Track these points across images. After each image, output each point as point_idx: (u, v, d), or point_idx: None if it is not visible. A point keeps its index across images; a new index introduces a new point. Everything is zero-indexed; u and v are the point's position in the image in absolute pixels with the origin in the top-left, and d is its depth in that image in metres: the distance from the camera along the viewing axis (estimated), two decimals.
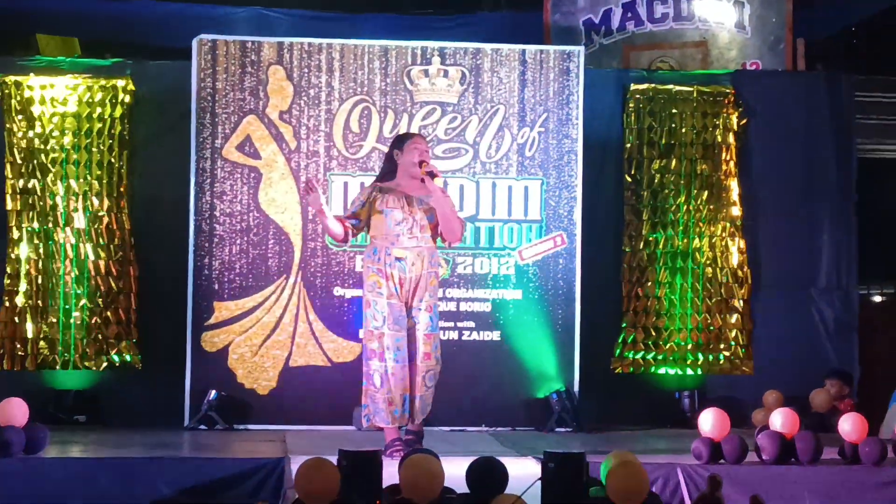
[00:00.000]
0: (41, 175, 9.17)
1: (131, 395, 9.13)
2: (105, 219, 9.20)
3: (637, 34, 10.74)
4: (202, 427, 8.78)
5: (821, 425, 8.27)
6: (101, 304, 9.14)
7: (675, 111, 9.78)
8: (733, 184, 9.79)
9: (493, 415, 9.07)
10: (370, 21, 10.76)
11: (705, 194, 9.74)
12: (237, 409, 8.91)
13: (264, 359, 9.02)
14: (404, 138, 7.57)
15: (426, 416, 7.31)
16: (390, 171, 7.47)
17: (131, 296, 9.21)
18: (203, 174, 9.05)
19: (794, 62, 10.58)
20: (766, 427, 7.25)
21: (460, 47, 9.31)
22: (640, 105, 9.77)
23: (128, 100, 9.30)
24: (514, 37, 9.91)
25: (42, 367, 9.11)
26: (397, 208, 7.30)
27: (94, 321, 9.12)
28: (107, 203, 9.21)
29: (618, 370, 9.63)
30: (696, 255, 9.70)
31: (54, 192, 9.16)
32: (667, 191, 9.73)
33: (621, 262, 9.72)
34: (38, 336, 9.10)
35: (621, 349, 9.64)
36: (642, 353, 9.63)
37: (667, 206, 9.72)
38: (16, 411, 6.91)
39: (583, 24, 10.74)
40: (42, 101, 9.20)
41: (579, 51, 9.47)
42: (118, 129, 9.28)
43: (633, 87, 9.80)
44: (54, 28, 11.05)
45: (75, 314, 9.11)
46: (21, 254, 9.13)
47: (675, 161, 9.75)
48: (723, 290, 9.71)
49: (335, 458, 5.71)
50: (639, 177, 9.75)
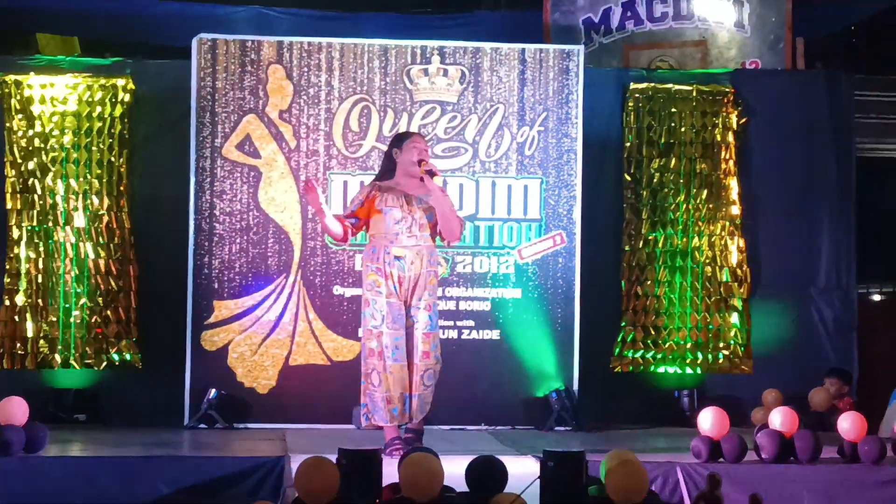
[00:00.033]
0: (41, 174, 9.18)
1: (131, 393, 9.13)
2: (105, 218, 9.20)
3: (636, 33, 10.75)
4: (202, 426, 8.78)
5: (820, 424, 8.28)
6: (100, 303, 9.15)
7: (674, 110, 9.78)
8: (733, 183, 9.79)
9: (492, 413, 9.07)
10: (370, 20, 10.77)
11: (705, 193, 9.74)
12: (237, 408, 8.91)
13: (264, 357, 9.03)
14: (403, 137, 7.55)
15: (425, 414, 7.30)
16: (389, 169, 7.46)
17: (131, 295, 9.22)
18: (203, 173, 9.06)
19: (793, 61, 10.59)
20: (765, 426, 7.25)
21: (460, 46, 9.31)
22: (640, 104, 9.77)
23: (128, 99, 9.30)
24: (513, 36, 9.91)
25: (42, 366, 9.11)
26: (396, 207, 7.29)
27: (94, 320, 9.13)
28: (107, 202, 9.21)
29: (617, 369, 9.63)
30: (696, 254, 9.70)
31: (54, 191, 9.16)
32: (666, 190, 9.74)
33: (621, 261, 9.73)
34: (38, 335, 9.10)
35: (621, 348, 9.64)
36: (642, 352, 9.64)
37: (666, 205, 9.72)
38: (16, 410, 6.90)
39: (582, 24, 10.74)
40: (42, 101, 9.21)
41: (579, 50, 9.46)
42: (118, 128, 9.28)
43: (633, 86, 9.80)
44: (54, 27, 11.05)
45: (75, 313, 9.11)
46: (21, 253, 9.13)
47: (674, 160, 9.75)
48: (722, 289, 9.71)
49: (335, 457, 5.72)
50: (638, 176, 9.75)
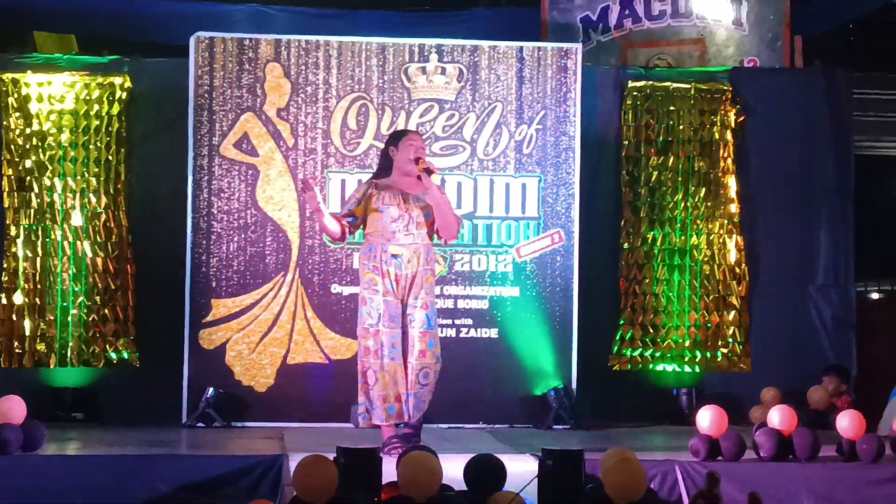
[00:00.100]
0: (38, 172, 9.16)
1: (129, 392, 9.11)
2: (102, 216, 9.19)
3: (635, 31, 10.74)
4: (200, 424, 8.77)
5: (818, 422, 8.28)
6: (98, 301, 9.14)
7: (672, 108, 9.77)
8: (731, 181, 9.79)
9: (490, 412, 9.07)
10: (367, 18, 10.76)
11: (703, 191, 9.73)
12: (235, 407, 8.90)
13: (262, 356, 9.02)
14: (400, 135, 7.54)
15: (422, 413, 7.29)
16: (386, 167, 7.45)
17: (129, 293, 9.21)
18: (200, 171, 9.05)
19: (791, 59, 10.59)
20: (763, 424, 7.25)
21: (458, 44, 9.30)
22: (638, 102, 9.77)
23: (125, 97, 9.29)
24: (511, 34, 9.91)
25: (40, 365, 9.10)
26: (393, 205, 7.28)
27: (92, 318, 9.12)
28: (104, 200, 9.20)
29: (615, 367, 9.63)
30: (694, 252, 9.70)
31: (52, 190, 9.16)
32: (664, 188, 9.73)
33: (619, 260, 9.72)
34: (36, 333, 9.09)
35: (619, 346, 9.64)
36: (640, 351, 9.63)
37: (664, 203, 9.72)
38: (13, 409, 6.89)
39: (580, 22, 10.74)
40: (39, 99, 9.20)
41: (577, 48, 9.45)
42: (115, 126, 9.27)
43: (631, 84, 9.79)
44: (52, 25, 11.04)
45: (73, 312, 9.11)
46: (18, 251, 9.13)
47: (672, 158, 9.74)
48: (720, 287, 9.71)
49: (333, 456, 5.71)
50: (636, 174, 9.75)
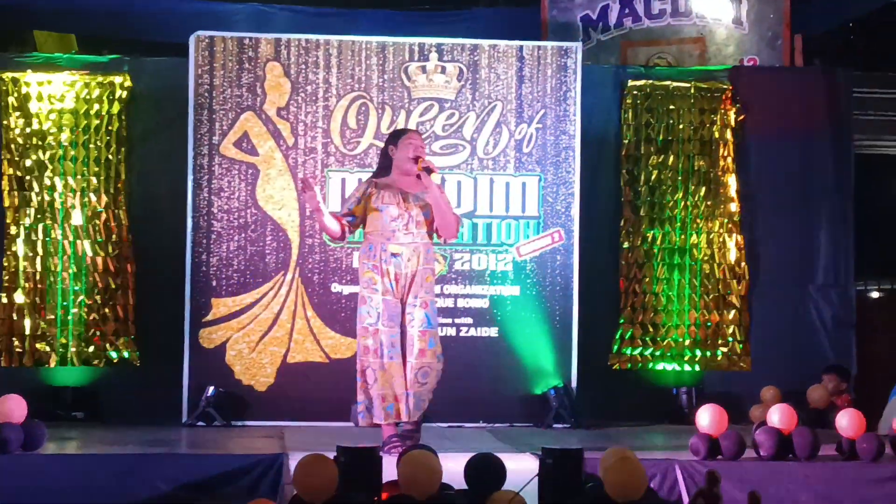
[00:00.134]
0: (38, 171, 9.17)
1: (129, 391, 9.11)
2: (103, 215, 9.20)
3: (634, 30, 10.75)
4: (200, 423, 8.77)
5: (818, 421, 8.28)
6: (98, 300, 9.14)
7: (672, 107, 9.78)
8: (731, 180, 9.79)
9: (490, 411, 9.07)
10: (367, 17, 10.76)
11: (703, 190, 9.74)
12: (235, 406, 8.90)
13: (262, 355, 9.02)
14: (399, 134, 7.53)
15: (422, 411, 7.27)
16: (385, 166, 7.44)
17: (129, 292, 9.21)
18: (200, 171, 9.05)
19: (791, 58, 10.59)
20: (763, 423, 7.25)
21: (458, 43, 9.30)
22: (638, 101, 9.77)
23: (125, 96, 9.30)
24: (511, 33, 9.90)
25: (40, 364, 9.10)
26: (393, 204, 7.28)
27: (92, 318, 9.13)
28: (104, 199, 9.21)
29: (615, 366, 9.63)
30: (694, 251, 9.70)
31: (52, 189, 9.16)
32: (664, 187, 9.73)
33: (619, 259, 9.72)
34: (36, 332, 9.10)
35: (619, 345, 9.64)
36: (640, 350, 9.64)
37: (664, 202, 9.72)
38: (14, 408, 6.89)
39: (580, 21, 10.74)
40: (39, 98, 9.20)
41: (577, 47, 9.45)
42: (115, 125, 9.28)
43: (631, 83, 9.79)
44: (51, 24, 11.04)
45: (73, 311, 9.11)
46: (19, 250, 9.13)
47: (672, 157, 9.74)
48: (720, 286, 9.71)
49: (333, 455, 5.72)
50: (636, 173, 9.75)
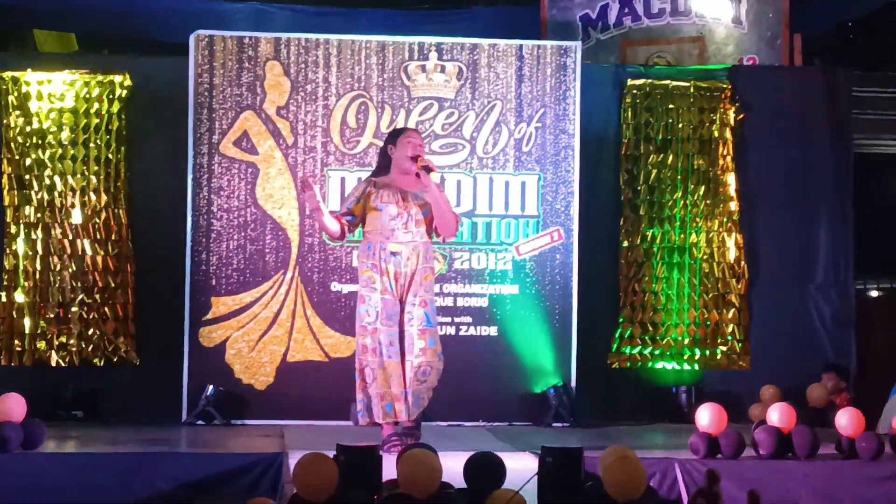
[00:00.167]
0: (38, 170, 9.17)
1: (129, 390, 9.11)
2: (103, 214, 9.20)
3: (634, 29, 10.75)
4: (200, 422, 8.77)
5: (818, 420, 8.29)
6: (98, 299, 9.14)
7: (671, 106, 9.77)
8: (730, 179, 9.79)
9: (490, 410, 9.07)
10: (367, 16, 10.77)
11: (702, 189, 9.74)
12: (235, 405, 8.90)
13: (262, 354, 9.02)
14: (398, 133, 7.53)
15: (421, 409, 7.27)
16: (384, 166, 7.44)
17: (129, 291, 9.21)
18: (200, 170, 9.05)
19: (791, 57, 10.59)
20: (763, 422, 7.25)
21: (457, 42, 9.30)
22: (637, 100, 9.77)
23: (125, 95, 9.29)
24: (510, 32, 9.91)
25: (39, 363, 9.09)
26: (392, 203, 7.28)
27: (92, 317, 9.12)
28: (104, 198, 9.21)
29: (615, 365, 9.63)
30: (693, 250, 9.70)
31: (52, 188, 9.16)
32: (664, 186, 9.73)
33: (618, 258, 9.73)
34: (36, 331, 9.10)
35: (618, 344, 9.64)
36: (639, 348, 9.64)
37: (664, 201, 9.72)
38: (13, 407, 6.89)
39: (580, 20, 10.75)
40: (39, 97, 9.20)
41: (576, 46, 9.45)
42: (115, 124, 9.28)
43: (630, 82, 9.79)
44: (51, 24, 11.04)
45: (73, 310, 9.11)
46: (19, 249, 9.13)
47: (671, 156, 9.74)
48: (720, 285, 9.71)
49: (333, 453, 5.72)
50: (636, 172, 9.75)
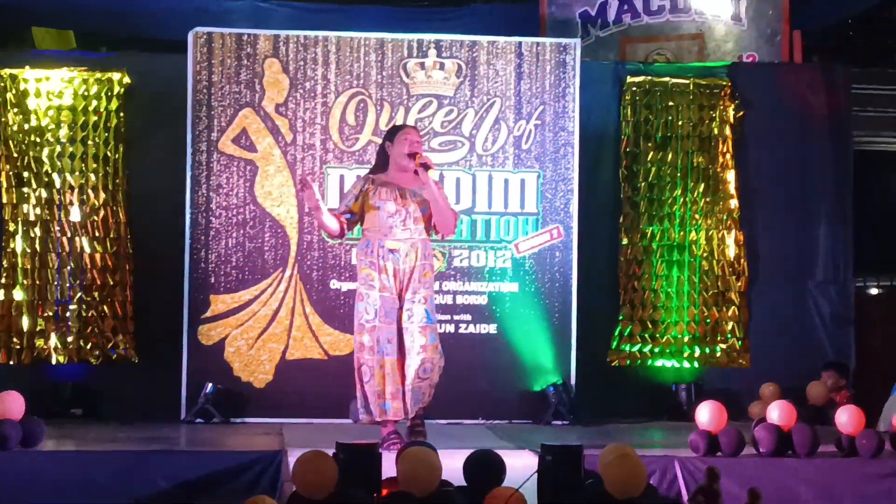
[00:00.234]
0: (37, 168, 9.16)
1: (128, 388, 9.10)
2: (101, 212, 9.19)
3: (633, 27, 10.74)
4: (199, 420, 8.77)
5: (817, 418, 8.28)
6: (97, 297, 9.13)
7: (671, 104, 9.76)
8: (730, 176, 9.78)
9: (489, 408, 9.07)
10: (366, 13, 10.74)
11: (702, 187, 9.73)
12: (234, 403, 8.89)
13: (261, 352, 9.01)
14: (396, 130, 7.52)
15: (420, 405, 7.25)
16: (383, 163, 7.45)
17: (127, 289, 9.21)
18: (199, 167, 9.04)
19: (790, 54, 10.58)
20: (762, 419, 7.24)
21: (456, 40, 9.28)
22: (637, 98, 9.76)
23: (123, 93, 9.29)
24: (510, 29, 9.89)
25: (38, 361, 9.09)
26: (390, 200, 7.27)
27: (91, 314, 9.12)
28: (103, 196, 9.20)
29: (614, 363, 9.63)
30: (693, 247, 9.69)
31: (50, 186, 9.15)
32: (663, 183, 9.72)
33: (618, 255, 9.72)
34: (35, 329, 9.09)
35: (618, 342, 9.64)
36: (639, 346, 9.63)
37: (663, 198, 9.71)
38: (12, 405, 6.89)
39: (579, 17, 10.73)
40: (38, 94, 9.19)
41: (576, 43, 9.44)
42: (114, 122, 9.27)
43: (630, 79, 9.78)
44: (50, 21, 11.03)
45: (71, 307, 9.10)
46: (17, 247, 9.12)
47: (671, 154, 9.74)
48: (719, 282, 9.71)
49: (332, 451, 5.71)
50: (635, 169, 9.74)
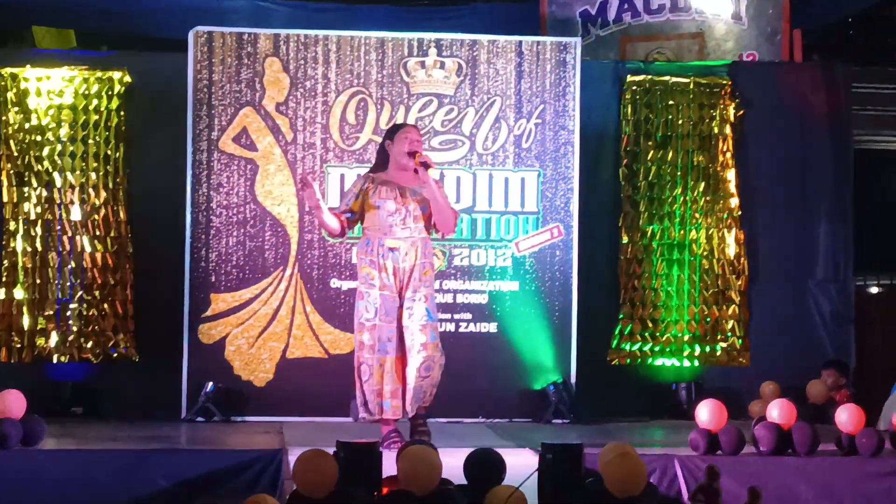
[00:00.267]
0: (37, 167, 9.16)
1: (128, 387, 9.10)
2: (101, 211, 9.19)
3: (634, 25, 10.73)
4: (199, 419, 8.77)
5: (818, 416, 8.28)
6: (97, 296, 9.14)
7: (671, 103, 9.77)
8: (730, 175, 9.78)
9: (489, 406, 9.07)
10: (366, 12, 10.74)
11: (702, 186, 9.73)
12: (234, 401, 8.90)
13: (261, 351, 9.02)
14: (396, 129, 7.52)
15: (421, 403, 7.25)
16: (383, 162, 7.45)
17: (128, 288, 9.21)
18: (199, 166, 9.05)
19: (790, 53, 10.58)
20: (763, 418, 7.25)
21: (457, 39, 9.29)
22: (637, 97, 9.76)
23: (124, 92, 9.29)
24: (510, 28, 9.89)
25: (39, 360, 9.09)
26: (390, 199, 7.28)
27: (91, 313, 9.12)
28: (103, 195, 9.20)
29: (615, 362, 9.63)
30: (693, 246, 9.69)
31: (51, 185, 9.15)
32: (663, 182, 9.72)
33: (618, 254, 9.72)
34: (35, 328, 9.10)
35: (618, 340, 9.64)
36: (639, 345, 9.63)
37: (663, 197, 9.71)
38: (13, 404, 6.89)
39: (579, 16, 10.72)
40: (38, 93, 9.19)
41: (576, 42, 9.45)
42: (114, 121, 9.27)
43: (630, 78, 9.78)
44: (50, 20, 11.02)
45: (72, 306, 9.10)
46: (17, 246, 9.13)
47: (671, 152, 9.74)
48: (720, 281, 9.71)
49: (333, 450, 5.72)
50: (635, 168, 9.74)
